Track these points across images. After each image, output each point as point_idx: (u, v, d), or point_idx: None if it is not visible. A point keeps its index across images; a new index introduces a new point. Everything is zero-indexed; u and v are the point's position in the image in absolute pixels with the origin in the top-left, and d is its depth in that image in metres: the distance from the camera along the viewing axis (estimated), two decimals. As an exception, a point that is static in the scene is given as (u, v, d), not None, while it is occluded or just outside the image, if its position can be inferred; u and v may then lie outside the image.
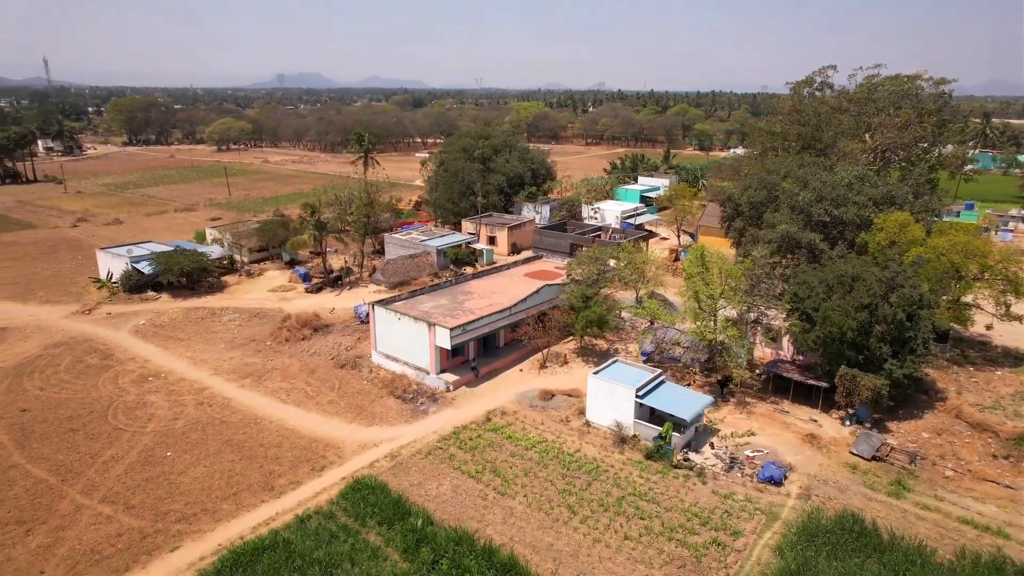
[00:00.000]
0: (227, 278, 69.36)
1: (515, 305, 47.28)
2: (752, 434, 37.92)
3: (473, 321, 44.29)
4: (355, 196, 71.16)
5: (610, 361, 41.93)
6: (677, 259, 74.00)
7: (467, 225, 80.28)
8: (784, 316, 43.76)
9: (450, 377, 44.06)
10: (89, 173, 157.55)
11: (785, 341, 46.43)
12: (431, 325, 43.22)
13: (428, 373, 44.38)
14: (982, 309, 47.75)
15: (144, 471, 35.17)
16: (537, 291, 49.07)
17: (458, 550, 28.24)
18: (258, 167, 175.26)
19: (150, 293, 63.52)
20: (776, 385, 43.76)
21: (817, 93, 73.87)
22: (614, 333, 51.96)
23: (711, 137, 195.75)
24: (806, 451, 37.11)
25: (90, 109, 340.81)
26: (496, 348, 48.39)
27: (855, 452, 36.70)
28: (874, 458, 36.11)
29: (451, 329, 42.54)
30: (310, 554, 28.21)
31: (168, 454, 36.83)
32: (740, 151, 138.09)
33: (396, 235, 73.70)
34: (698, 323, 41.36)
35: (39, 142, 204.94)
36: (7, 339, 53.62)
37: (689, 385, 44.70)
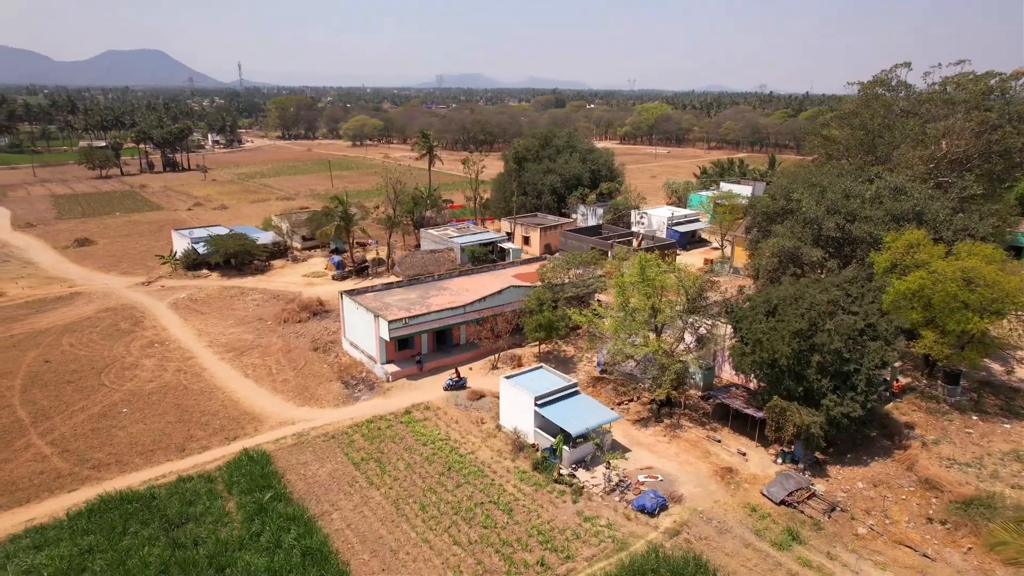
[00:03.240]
0: (275, 262, 75.95)
1: (470, 304, 47.53)
2: (624, 458, 35.36)
3: (417, 316, 45.31)
4: (392, 192, 74.66)
5: (533, 367, 41.04)
6: (710, 270, 69.48)
7: (504, 224, 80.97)
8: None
9: (392, 368, 45.46)
10: (232, 163, 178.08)
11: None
12: (376, 316, 44.88)
13: (376, 362, 46.10)
14: (1005, 350, 40.51)
15: (96, 423, 40.30)
16: (500, 292, 48.89)
17: (284, 526, 29.72)
18: (377, 162, 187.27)
19: (203, 271, 71.39)
20: (724, 411, 40.26)
21: (887, 95, 65.60)
22: (590, 342, 50.28)
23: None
24: (711, 485, 34.00)
25: (264, 107, 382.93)
26: (453, 345, 48.96)
27: (765, 493, 33.06)
28: (784, 502, 32.30)
29: (390, 321, 43.91)
30: (165, 510, 31.08)
31: (124, 410, 41.84)
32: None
33: (431, 230, 76.26)
34: (618, 337, 39.10)
35: (209, 136, 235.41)
36: (75, 302, 63.19)
37: (631, 401, 42.56)
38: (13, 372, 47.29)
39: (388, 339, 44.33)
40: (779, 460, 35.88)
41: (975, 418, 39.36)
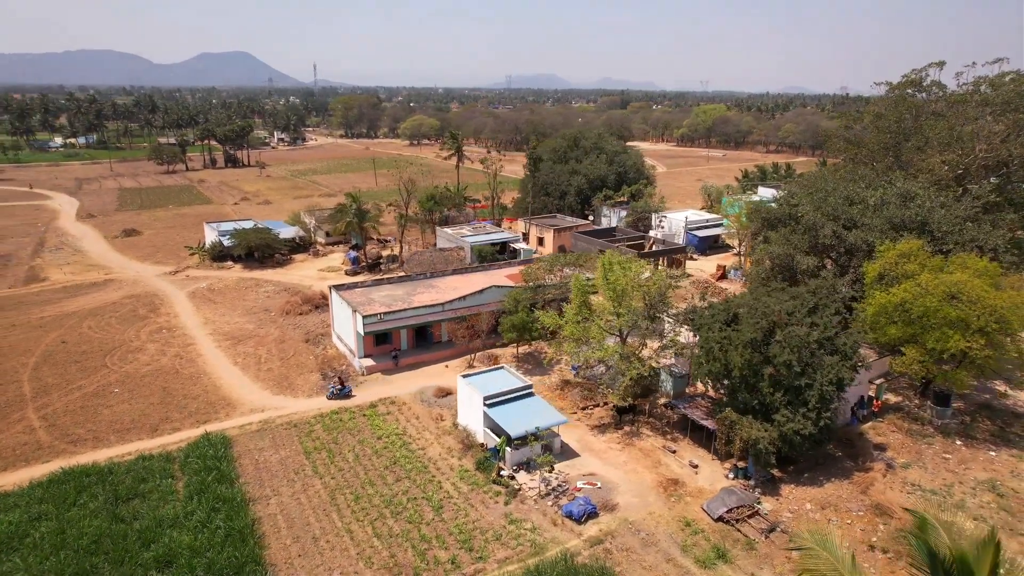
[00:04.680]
0: (297, 256, 78.77)
1: (449, 302, 47.97)
2: (553, 463, 34.65)
3: (393, 312, 46.10)
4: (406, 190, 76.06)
5: (495, 367, 41.04)
6: (724, 276, 67.36)
7: (519, 224, 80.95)
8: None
9: (368, 362, 46.46)
10: (290, 160, 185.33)
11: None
12: (354, 311, 45.98)
13: (355, 356, 47.23)
14: (999, 375, 37.57)
15: (87, 401, 43.06)
16: (481, 291, 49.06)
17: (217, 507, 31.02)
18: (428, 161, 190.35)
19: (228, 262, 74.86)
20: (687, 421, 39.03)
21: (920, 96, 61.80)
22: (557, 345, 49.73)
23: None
24: (651, 496, 33.12)
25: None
26: (434, 342, 49.49)
27: (705, 508, 31.97)
28: (721, 519, 31.11)
29: (365, 316, 44.90)
30: (117, 485, 32.99)
31: (116, 391, 44.52)
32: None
33: (446, 229, 77.18)
34: (574, 340, 38.53)
35: (274, 134, 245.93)
36: (106, 288, 67.59)
37: (596, 406, 41.89)
38: (31, 351, 51.12)
39: (363, 333, 45.32)
40: (731, 475, 34.53)
41: (959, 443, 36.63)
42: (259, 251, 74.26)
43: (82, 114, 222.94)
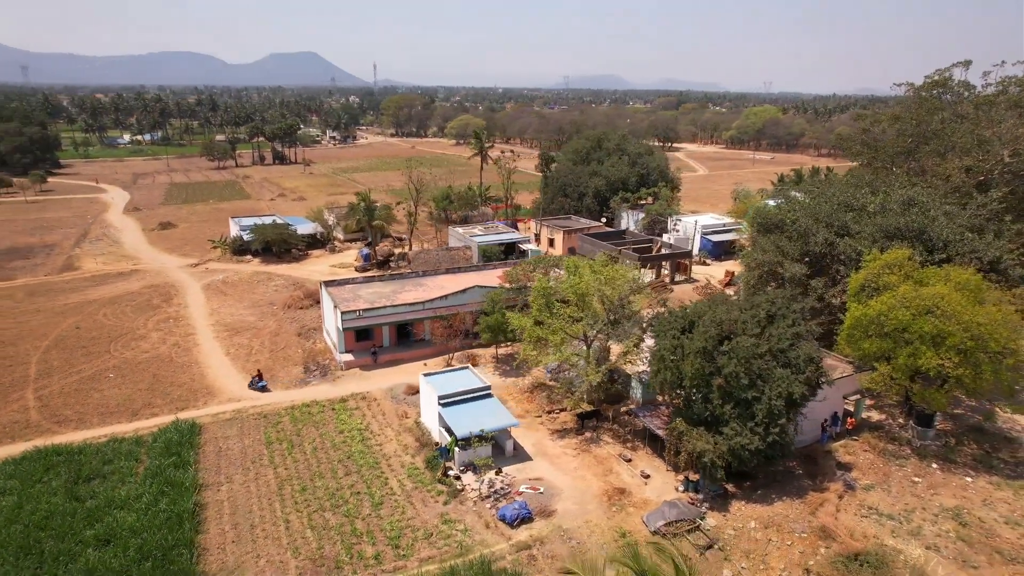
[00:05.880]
0: (314, 251, 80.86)
1: (430, 300, 48.34)
2: (492, 464, 34.29)
3: (372, 308, 46.83)
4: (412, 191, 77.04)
5: (460, 367, 41.13)
6: (731, 282, 65.34)
7: (531, 225, 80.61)
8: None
9: (347, 357, 47.32)
10: (336, 158, 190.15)
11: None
12: (335, 307, 46.95)
13: (337, 351, 48.21)
14: (984, 395, 35.14)
15: (83, 384, 45.47)
16: (464, 291, 49.23)
17: (166, 490, 32.32)
18: (468, 161, 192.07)
19: (247, 256, 77.54)
20: (647, 430, 38.16)
21: (947, 97, 58.41)
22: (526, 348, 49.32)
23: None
24: (592, 504, 32.56)
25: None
26: (415, 340, 49.96)
27: (644, 520, 31.22)
28: (657, 532, 30.32)
29: (343, 312, 45.78)
30: (86, 463, 34.76)
31: (111, 375, 46.86)
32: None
33: (458, 228, 77.73)
34: (529, 346, 38.20)
35: (326, 132, 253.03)
36: (129, 278, 71.11)
37: (562, 411, 41.42)
38: (46, 335, 54.33)
39: (343, 329, 46.20)
40: (682, 488, 33.57)
41: (935, 466, 34.47)
42: (276, 246, 76.62)
43: (148, 112, 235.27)
